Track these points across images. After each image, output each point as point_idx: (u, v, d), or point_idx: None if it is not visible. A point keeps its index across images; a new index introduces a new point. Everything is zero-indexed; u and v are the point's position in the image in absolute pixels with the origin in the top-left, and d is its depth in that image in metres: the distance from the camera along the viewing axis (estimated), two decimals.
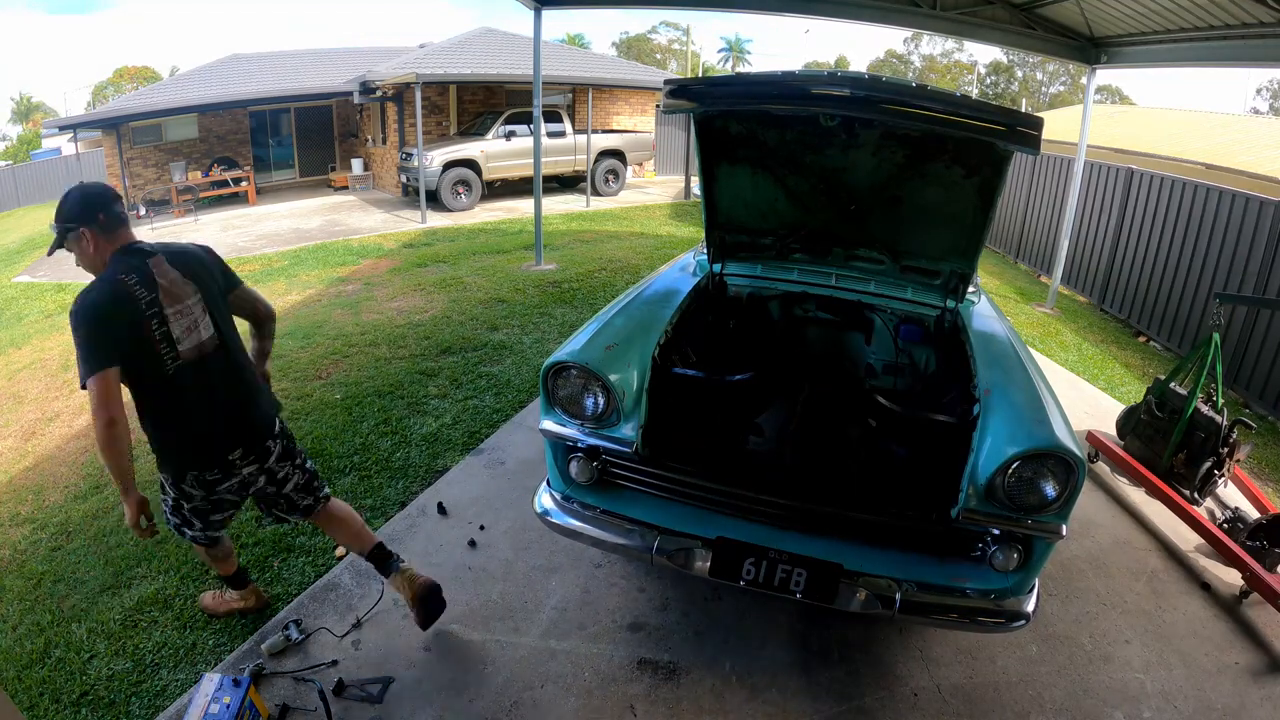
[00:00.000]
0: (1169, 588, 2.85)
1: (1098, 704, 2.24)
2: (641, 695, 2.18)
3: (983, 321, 2.76)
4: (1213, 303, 4.30)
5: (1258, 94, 39.38)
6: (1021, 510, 1.89)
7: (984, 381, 2.18)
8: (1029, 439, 1.89)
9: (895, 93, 2.04)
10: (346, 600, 2.55)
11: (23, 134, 38.24)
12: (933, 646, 2.42)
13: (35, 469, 4.03)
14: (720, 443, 2.41)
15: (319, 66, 15.95)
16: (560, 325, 5.69)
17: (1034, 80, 42.95)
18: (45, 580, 2.87)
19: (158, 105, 13.53)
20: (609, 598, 2.58)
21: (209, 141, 14.82)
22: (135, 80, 37.09)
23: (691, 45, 43.41)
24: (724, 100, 2.30)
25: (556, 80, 13.41)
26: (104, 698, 2.21)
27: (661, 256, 8.16)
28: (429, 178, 11.68)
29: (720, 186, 2.89)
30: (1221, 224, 5.74)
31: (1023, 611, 1.99)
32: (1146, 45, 6.15)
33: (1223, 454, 3.38)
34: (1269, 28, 4.67)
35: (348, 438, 3.82)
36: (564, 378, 2.19)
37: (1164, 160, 10.13)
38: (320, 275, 7.89)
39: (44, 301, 8.09)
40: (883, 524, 2.06)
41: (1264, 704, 2.30)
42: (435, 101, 13.84)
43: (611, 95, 16.11)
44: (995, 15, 6.46)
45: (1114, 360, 5.89)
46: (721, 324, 3.14)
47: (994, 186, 2.42)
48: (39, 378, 5.56)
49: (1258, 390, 5.09)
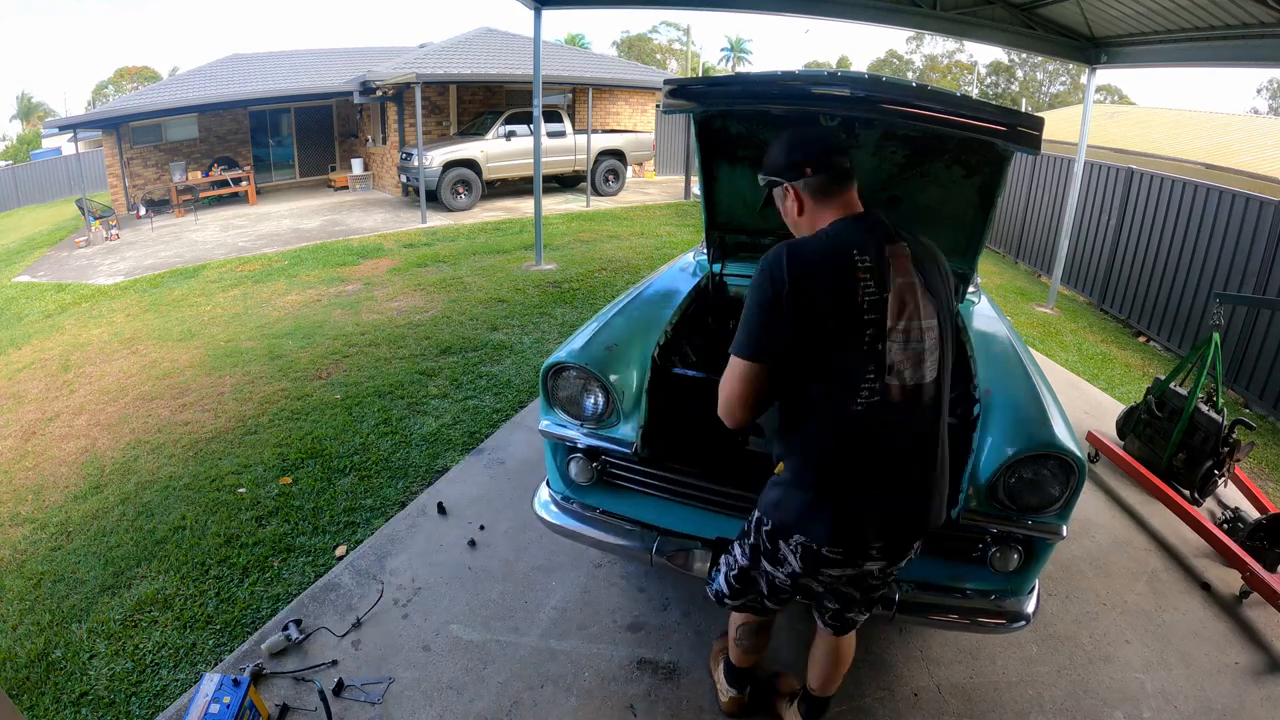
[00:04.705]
0: (1169, 588, 2.85)
1: (1098, 704, 2.24)
2: (641, 695, 2.18)
3: (983, 321, 2.76)
4: (1213, 303, 4.30)
5: (1258, 94, 39.36)
6: (1022, 511, 1.89)
7: (984, 381, 2.18)
8: (1029, 439, 1.89)
9: (895, 93, 2.04)
10: (346, 600, 2.55)
11: (23, 134, 38.24)
12: (933, 646, 2.42)
13: (35, 469, 4.02)
14: (720, 443, 2.41)
15: (319, 66, 15.94)
16: (560, 325, 5.69)
17: (1034, 80, 42.91)
18: (45, 580, 2.87)
19: (158, 105, 13.52)
20: (609, 598, 2.58)
21: (209, 141, 14.82)
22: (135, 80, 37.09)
23: (692, 45, 43.39)
24: (724, 100, 2.30)
25: (556, 80, 13.41)
26: (104, 698, 2.21)
27: (661, 256, 8.16)
28: (429, 178, 11.68)
29: (720, 186, 2.89)
30: (1221, 224, 5.74)
31: (1023, 612, 1.99)
32: (1146, 45, 6.15)
33: (1223, 454, 3.38)
34: (1269, 28, 4.67)
35: (348, 438, 3.82)
36: (564, 378, 2.19)
37: (1164, 160, 10.13)
38: (320, 275, 7.89)
39: (44, 301, 8.08)
40: None
41: (1264, 704, 2.30)
42: (435, 101, 13.84)
43: (611, 95, 16.12)
44: (995, 15, 6.46)
45: (1114, 360, 5.89)
46: (722, 324, 3.14)
47: (994, 186, 2.42)
48: (39, 378, 5.56)
49: (1258, 390, 5.09)
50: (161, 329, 6.36)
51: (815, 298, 1.35)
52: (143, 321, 6.74)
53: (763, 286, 1.38)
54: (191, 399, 4.60)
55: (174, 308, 7.10)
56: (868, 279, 1.37)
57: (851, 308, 1.36)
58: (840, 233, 1.43)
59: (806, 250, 1.40)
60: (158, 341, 6.01)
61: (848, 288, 1.36)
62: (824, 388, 1.41)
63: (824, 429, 1.42)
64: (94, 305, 7.64)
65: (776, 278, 1.36)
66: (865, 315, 1.36)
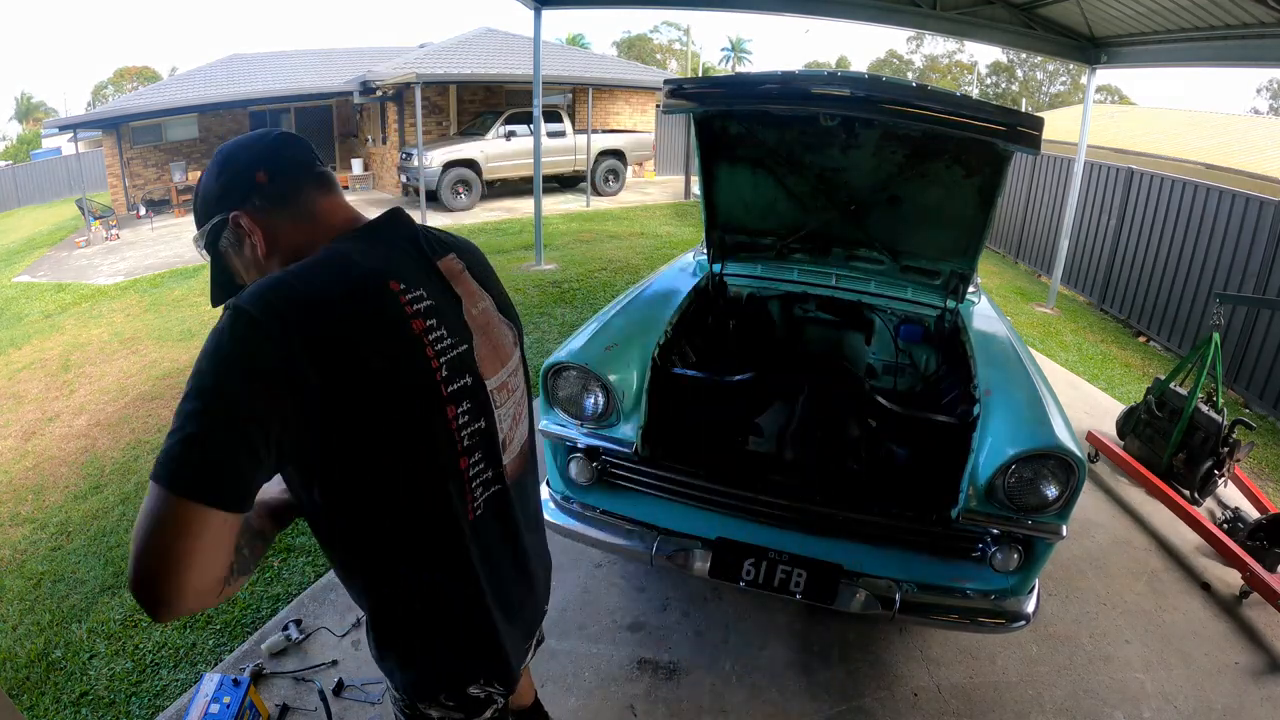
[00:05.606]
0: (1169, 588, 2.85)
1: (1098, 704, 2.24)
2: (641, 695, 2.18)
3: (983, 321, 2.76)
4: (1213, 303, 4.30)
5: (1258, 94, 39.38)
6: (1022, 511, 1.89)
7: (984, 382, 2.18)
8: (1029, 439, 1.89)
9: (895, 93, 2.04)
10: (346, 600, 2.55)
11: (23, 134, 38.25)
12: (933, 646, 2.42)
13: (35, 469, 4.03)
14: (720, 443, 2.41)
15: (319, 66, 15.94)
16: (560, 325, 5.69)
17: (1034, 80, 42.92)
18: (45, 580, 2.87)
19: (158, 105, 13.53)
20: (609, 598, 2.58)
21: (209, 141, 14.82)
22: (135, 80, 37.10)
23: (692, 45, 43.38)
24: (724, 100, 2.30)
25: (557, 80, 13.41)
26: (104, 698, 2.21)
27: (661, 256, 8.15)
28: (429, 178, 11.68)
29: (720, 186, 2.89)
30: (1221, 224, 5.74)
31: (1023, 612, 1.99)
32: (1146, 45, 6.15)
33: (1223, 454, 3.38)
34: (1269, 28, 4.67)
35: None
36: (563, 378, 2.19)
37: (1164, 160, 10.13)
38: None
39: (44, 301, 8.09)
40: (883, 524, 2.06)
41: (1264, 704, 2.30)
42: (435, 101, 13.84)
43: (611, 95, 16.11)
44: (995, 15, 6.46)
45: (1114, 360, 5.89)
46: (721, 324, 3.14)
47: (994, 186, 2.42)
48: (39, 378, 5.56)
49: (1258, 390, 5.09)
50: (162, 329, 6.36)
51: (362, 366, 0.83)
52: (143, 321, 6.74)
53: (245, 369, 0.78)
54: None
55: (174, 308, 7.10)
56: (432, 322, 0.91)
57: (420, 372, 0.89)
58: (352, 256, 0.90)
59: (310, 291, 0.83)
60: (158, 341, 6.01)
61: (404, 341, 0.88)
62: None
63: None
64: (94, 305, 7.64)
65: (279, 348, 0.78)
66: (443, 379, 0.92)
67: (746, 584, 2.00)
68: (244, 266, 0.97)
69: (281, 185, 0.92)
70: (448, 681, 1.03)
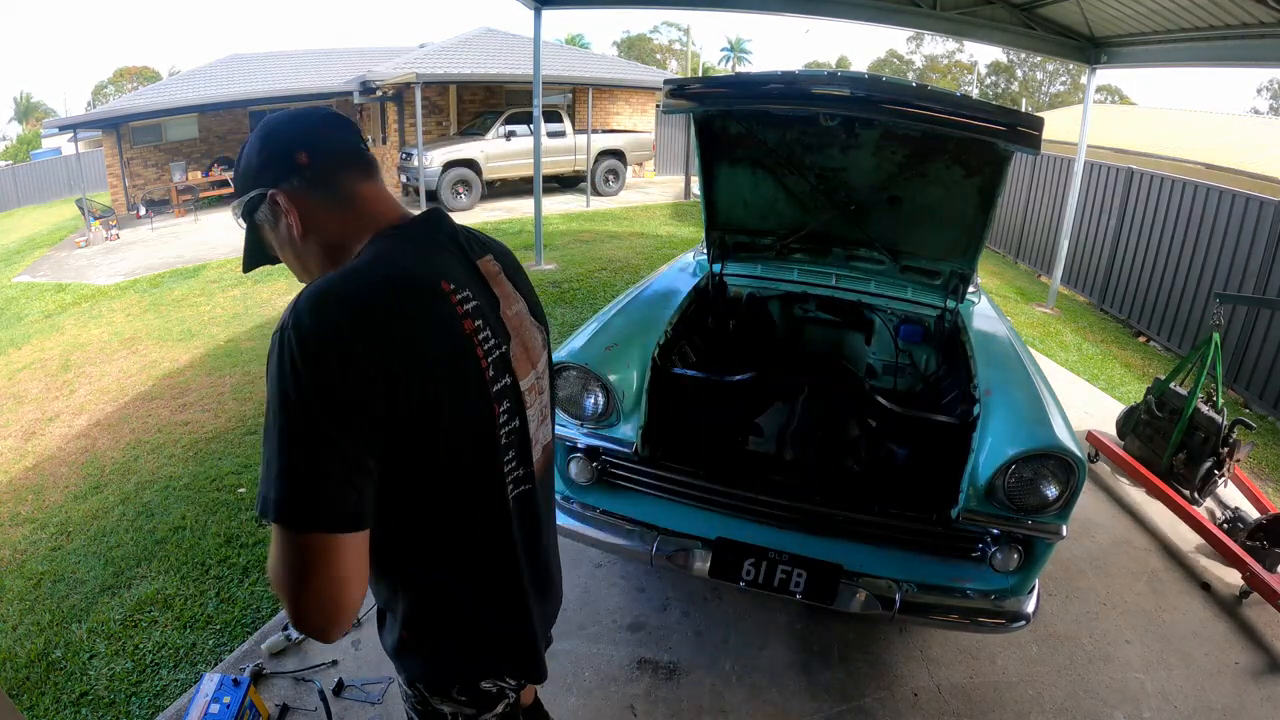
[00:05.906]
0: (1169, 588, 2.85)
1: (1098, 704, 2.24)
2: (641, 695, 2.18)
3: (983, 321, 2.76)
4: (1213, 303, 4.30)
5: (1258, 94, 39.38)
6: (1022, 511, 1.89)
7: (984, 382, 2.18)
8: (1029, 439, 1.89)
9: (895, 93, 2.04)
10: None
11: (22, 134, 38.24)
12: (933, 646, 2.42)
13: (35, 469, 4.03)
14: (720, 443, 2.41)
15: (319, 66, 15.94)
16: (560, 325, 5.69)
17: (1034, 80, 42.92)
18: (45, 580, 2.87)
19: (158, 105, 13.53)
20: (609, 598, 2.58)
21: (209, 141, 14.83)
22: (135, 80, 37.10)
23: (692, 45, 43.37)
24: (724, 100, 2.30)
25: (557, 80, 13.41)
26: (104, 698, 2.21)
27: (661, 256, 8.15)
28: (429, 177, 11.68)
29: (720, 186, 2.89)
30: (1221, 224, 5.73)
31: (1023, 612, 1.99)
32: (1146, 45, 6.15)
33: (1223, 454, 3.38)
34: (1269, 28, 4.67)
35: None
36: (564, 378, 2.19)
37: (1164, 160, 10.12)
38: None
39: (44, 301, 8.09)
40: (883, 524, 2.06)
41: (1264, 704, 2.30)
42: (435, 101, 13.84)
43: (611, 95, 16.11)
44: (995, 15, 6.46)
45: (1114, 360, 5.89)
46: (721, 324, 3.14)
47: (994, 186, 2.42)
48: (39, 378, 5.56)
49: (1258, 390, 5.08)
50: (162, 329, 6.36)
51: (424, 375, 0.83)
52: (143, 321, 6.74)
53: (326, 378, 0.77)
54: (191, 399, 4.60)
55: (174, 308, 7.10)
56: (479, 322, 0.92)
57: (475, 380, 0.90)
58: (401, 256, 0.90)
59: (366, 293, 0.82)
60: (158, 341, 6.01)
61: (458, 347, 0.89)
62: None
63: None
64: (94, 305, 7.64)
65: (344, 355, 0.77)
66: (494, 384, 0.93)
67: (746, 584, 2.00)
68: (279, 243, 0.99)
69: (322, 168, 0.92)
70: (475, 673, 1.04)
